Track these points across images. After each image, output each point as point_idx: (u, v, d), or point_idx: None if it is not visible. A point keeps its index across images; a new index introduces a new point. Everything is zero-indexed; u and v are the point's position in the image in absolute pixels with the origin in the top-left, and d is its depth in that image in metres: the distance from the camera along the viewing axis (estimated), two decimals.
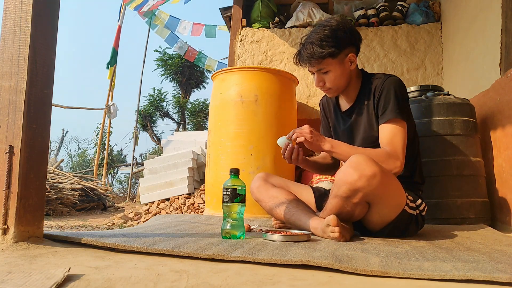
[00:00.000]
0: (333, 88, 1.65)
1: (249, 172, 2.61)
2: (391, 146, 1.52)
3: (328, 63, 1.59)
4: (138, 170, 8.32)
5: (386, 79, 1.61)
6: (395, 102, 1.56)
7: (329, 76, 1.62)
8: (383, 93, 1.58)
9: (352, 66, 1.64)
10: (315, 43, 1.57)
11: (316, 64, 1.60)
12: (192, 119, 11.81)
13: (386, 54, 3.58)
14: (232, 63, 3.80)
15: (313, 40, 1.58)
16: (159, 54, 11.63)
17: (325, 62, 1.59)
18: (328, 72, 1.61)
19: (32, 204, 1.16)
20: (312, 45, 1.58)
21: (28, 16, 1.18)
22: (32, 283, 0.78)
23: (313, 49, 1.57)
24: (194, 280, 0.85)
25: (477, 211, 2.21)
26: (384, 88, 1.59)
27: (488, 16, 2.52)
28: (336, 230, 1.36)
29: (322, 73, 1.62)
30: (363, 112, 1.66)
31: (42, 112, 1.21)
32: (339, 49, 1.58)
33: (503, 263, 1.03)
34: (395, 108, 1.55)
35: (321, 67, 1.60)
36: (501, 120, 2.23)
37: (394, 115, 1.54)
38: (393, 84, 1.59)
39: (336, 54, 1.58)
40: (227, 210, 1.41)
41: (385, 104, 1.57)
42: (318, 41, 1.57)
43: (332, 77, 1.62)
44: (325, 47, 1.56)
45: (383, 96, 1.58)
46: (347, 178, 1.37)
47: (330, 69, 1.61)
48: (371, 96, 1.63)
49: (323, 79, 1.63)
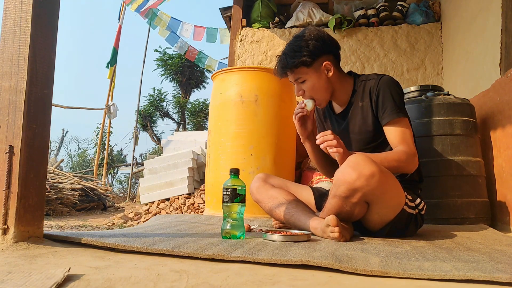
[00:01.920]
0: (317, 98, 1.66)
1: (249, 172, 2.61)
2: (405, 144, 1.54)
3: (302, 72, 1.62)
4: (138, 170, 8.33)
5: (379, 79, 1.63)
6: (394, 102, 1.58)
7: (306, 85, 1.65)
8: (380, 94, 1.60)
9: (330, 73, 1.65)
10: (288, 54, 1.62)
11: (290, 73, 1.64)
12: (192, 119, 11.81)
13: (386, 54, 3.58)
14: (232, 63, 3.80)
15: (286, 52, 1.64)
16: (159, 54, 11.64)
17: (299, 71, 1.62)
18: (305, 81, 1.64)
19: (32, 204, 1.16)
20: (285, 56, 1.63)
21: (28, 16, 1.18)
22: (32, 283, 0.78)
23: (286, 60, 1.62)
24: (194, 280, 0.85)
25: (477, 211, 2.21)
26: (380, 89, 1.60)
27: (488, 16, 2.52)
28: (336, 230, 1.36)
29: (300, 82, 1.65)
30: (357, 113, 1.67)
31: (42, 112, 1.21)
32: (312, 58, 1.60)
33: (503, 263, 1.02)
34: (395, 107, 1.57)
35: (297, 76, 1.64)
36: (501, 120, 2.23)
37: (396, 115, 1.56)
38: (388, 84, 1.61)
39: (309, 63, 1.61)
40: (227, 210, 1.41)
41: (384, 105, 1.58)
42: (291, 52, 1.62)
43: (310, 86, 1.64)
44: (297, 56, 1.60)
45: (381, 97, 1.59)
46: (346, 178, 1.38)
47: (306, 78, 1.64)
48: (367, 98, 1.64)
49: (302, 88, 1.66)
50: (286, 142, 2.82)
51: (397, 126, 1.57)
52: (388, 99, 1.58)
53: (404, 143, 1.54)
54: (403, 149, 1.53)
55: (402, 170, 1.55)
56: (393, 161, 1.49)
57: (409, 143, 1.55)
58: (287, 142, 2.83)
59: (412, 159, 1.53)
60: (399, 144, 1.55)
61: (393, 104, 1.57)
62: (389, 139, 1.59)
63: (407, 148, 1.53)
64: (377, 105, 1.60)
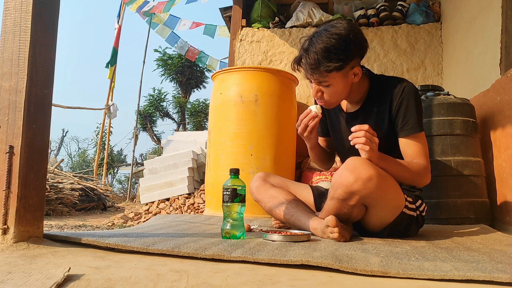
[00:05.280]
0: (331, 101, 1.54)
1: (249, 172, 2.61)
2: (425, 160, 1.50)
3: (332, 77, 1.45)
4: (138, 170, 8.32)
5: (404, 88, 1.52)
6: (417, 115, 1.51)
7: (329, 89, 1.48)
8: (403, 104, 1.51)
9: (356, 79, 1.51)
10: (320, 54, 1.40)
11: (319, 77, 1.46)
12: (192, 119, 11.80)
13: (386, 54, 3.58)
14: (232, 63, 3.80)
15: (318, 50, 1.41)
16: (159, 54, 11.63)
17: (330, 75, 1.44)
18: (330, 85, 1.47)
19: (32, 204, 1.16)
20: (317, 55, 1.41)
21: (28, 16, 1.18)
22: (32, 283, 0.78)
23: (318, 61, 1.41)
24: (194, 280, 0.85)
25: (477, 211, 2.21)
26: (403, 99, 1.51)
27: (488, 16, 2.52)
28: (335, 230, 1.36)
29: (323, 85, 1.48)
30: (371, 117, 1.59)
31: (42, 112, 1.21)
32: (346, 62, 1.43)
33: (503, 263, 1.02)
34: (417, 121, 1.51)
35: (323, 80, 1.46)
36: (501, 120, 2.23)
37: (419, 129, 1.51)
38: (413, 95, 1.52)
39: (343, 68, 1.43)
40: (227, 210, 1.41)
41: (406, 117, 1.51)
42: (325, 52, 1.40)
43: (333, 91, 1.49)
44: (333, 60, 1.40)
45: (403, 108, 1.51)
46: (343, 181, 1.37)
47: (333, 83, 1.46)
48: (386, 104, 1.55)
49: (322, 90, 1.51)
50: (286, 142, 2.82)
51: (417, 141, 1.51)
52: (411, 112, 1.50)
53: (424, 158, 1.50)
54: (424, 164, 1.49)
55: (416, 183, 1.54)
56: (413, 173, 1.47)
57: (427, 159, 1.52)
58: (287, 142, 2.83)
59: (428, 174, 1.51)
60: (417, 158, 1.50)
61: (416, 117, 1.50)
62: (405, 151, 1.53)
63: (427, 163, 1.50)
64: (397, 115, 1.52)
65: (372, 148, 1.36)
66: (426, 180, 1.52)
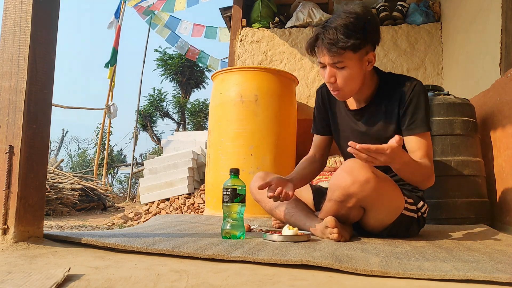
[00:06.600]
0: (345, 89, 1.49)
1: (249, 172, 2.61)
2: (430, 160, 1.49)
3: (347, 57, 1.42)
4: (138, 170, 8.33)
5: (414, 86, 1.51)
6: (424, 114, 1.49)
7: (343, 72, 1.45)
8: (413, 102, 1.50)
9: (369, 67, 1.50)
10: (340, 29, 1.38)
11: (335, 54, 1.41)
12: (192, 119, 11.80)
13: (386, 54, 3.58)
14: (232, 63, 3.80)
15: (337, 26, 1.39)
16: (159, 54, 11.64)
17: (346, 55, 1.41)
18: (345, 67, 1.44)
19: (32, 204, 1.16)
20: (336, 30, 1.38)
21: (28, 16, 1.18)
22: (32, 283, 0.78)
23: (337, 36, 1.38)
24: (194, 280, 0.85)
25: (477, 211, 2.21)
26: (413, 98, 1.50)
27: (488, 16, 2.52)
28: (334, 231, 1.36)
29: (337, 67, 1.44)
30: (379, 117, 1.57)
31: (42, 112, 1.21)
32: (364, 42, 1.42)
33: (503, 263, 1.02)
34: (425, 120, 1.49)
35: (339, 59, 1.42)
36: (501, 120, 2.23)
37: (425, 128, 1.49)
38: (423, 94, 1.51)
39: (358, 48, 1.41)
40: (227, 210, 1.41)
41: (415, 115, 1.49)
42: (344, 28, 1.38)
43: (347, 75, 1.45)
44: (352, 36, 1.37)
45: (412, 107, 1.50)
46: (341, 183, 1.36)
47: (348, 65, 1.43)
48: (395, 103, 1.53)
49: (336, 74, 1.46)
50: (286, 142, 2.82)
51: (424, 139, 1.49)
52: (420, 111, 1.49)
53: (429, 159, 1.48)
54: (430, 166, 1.47)
55: (423, 185, 1.53)
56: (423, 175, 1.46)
57: (431, 160, 1.50)
58: (287, 142, 2.83)
59: (433, 177, 1.50)
60: (422, 158, 1.47)
61: (424, 116, 1.49)
62: (411, 149, 1.50)
63: (432, 164, 1.49)
64: (405, 113, 1.51)
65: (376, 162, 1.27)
66: (431, 182, 1.50)
